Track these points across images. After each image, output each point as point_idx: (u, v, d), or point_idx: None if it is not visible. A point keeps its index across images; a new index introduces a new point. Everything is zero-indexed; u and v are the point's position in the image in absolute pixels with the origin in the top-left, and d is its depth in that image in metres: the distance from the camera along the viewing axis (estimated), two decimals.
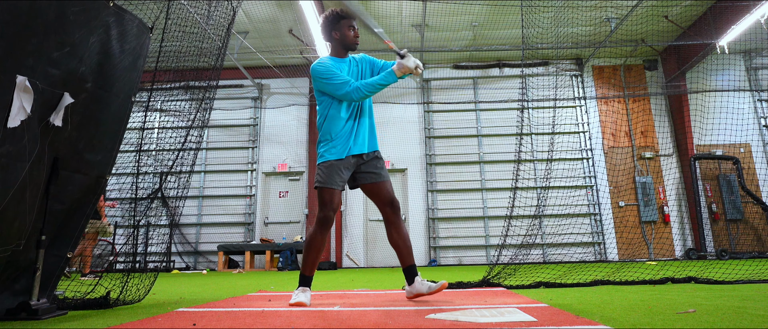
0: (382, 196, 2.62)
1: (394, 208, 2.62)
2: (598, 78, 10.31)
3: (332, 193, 2.50)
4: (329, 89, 2.53)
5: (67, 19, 2.08)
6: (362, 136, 2.61)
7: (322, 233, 2.51)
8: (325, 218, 2.49)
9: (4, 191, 1.91)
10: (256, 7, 8.30)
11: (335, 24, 2.66)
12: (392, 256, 9.54)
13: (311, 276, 2.54)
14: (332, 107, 2.58)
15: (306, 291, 2.48)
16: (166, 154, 3.09)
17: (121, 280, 2.74)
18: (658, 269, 5.18)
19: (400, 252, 2.61)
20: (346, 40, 2.66)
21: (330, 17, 2.67)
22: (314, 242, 2.51)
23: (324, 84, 2.54)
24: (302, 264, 2.55)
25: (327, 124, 2.58)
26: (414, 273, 2.59)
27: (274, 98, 10.52)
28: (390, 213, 2.61)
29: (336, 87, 2.50)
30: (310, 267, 2.54)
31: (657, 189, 9.57)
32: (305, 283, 2.52)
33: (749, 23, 7.69)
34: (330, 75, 2.52)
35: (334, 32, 2.66)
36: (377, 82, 2.49)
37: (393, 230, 2.62)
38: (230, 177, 10.11)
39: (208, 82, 3.24)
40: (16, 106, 1.89)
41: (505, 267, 3.73)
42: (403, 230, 2.63)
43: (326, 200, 2.50)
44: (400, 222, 2.63)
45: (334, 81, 2.51)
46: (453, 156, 10.00)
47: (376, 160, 2.65)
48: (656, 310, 1.96)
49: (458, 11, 8.49)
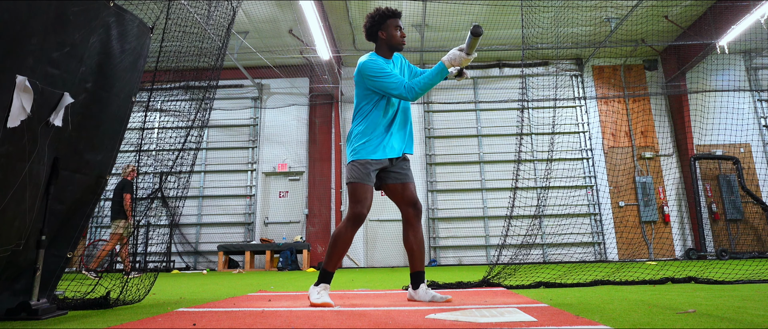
0: (406, 197, 2.58)
1: (416, 210, 2.58)
2: (598, 78, 10.31)
3: (366, 190, 2.41)
4: (381, 86, 2.43)
5: (67, 19, 2.08)
6: (399, 139, 2.57)
7: (352, 230, 2.40)
8: (358, 215, 2.39)
9: (4, 191, 1.91)
10: (256, 7, 8.30)
11: (382, 23, 2.56)
12: (392, 256, 9.54)
13: (333, 273, 2.45)
14: (377, 107, 2.50)
15: (327, 288, 2.41)
16: (166, 154, 3.09)
17: (121, 280, 2.74)
18: (658, 269, 5.18)
19: (412, 256, 2.57)
20: (393, 40, 2.57)
21: (376, 16, 2.57)
22: (343, 237, 2.40)
23: (376, 81, 2.43)
24: (327, 259, 2.44)
25: (366, 122, 2.50)
26: (421, 279, 2.55)
27: (274, 98, 10.52)
28: (412, 215, 2.57)
29: (390, 85, 2.41)
30: (334, 263, 2.44)
31: (657, 189, 9.57)
32: (327, 280, 2.43)
33: (749, 23, 7.69)
34: (384, 73, 2.43)
35: (380, 32, 2.57)
36: (428, 79, 2.39)
37: (411, 232, 2.57)
38: (230, 177, 10.11)
39: (208, 82, 3.24)
40: (16, 106, 1.89)
41: (505, 267, 3.73)
42: (420, 234, 2.59)
43: (360, 197, 2.40)
44: (419, 225, 2.59)
45: (388, 79, 2.41)
46: (453, 156, 10.00)
47: (403, 161, 2.62)
48: (656, 310, 1.96)
49: (458, 11, 8.49)
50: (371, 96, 2.51)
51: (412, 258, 2.56)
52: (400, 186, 2.58)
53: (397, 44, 2.57)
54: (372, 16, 2.58)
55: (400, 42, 2.58)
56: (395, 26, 2.57)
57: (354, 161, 2.47)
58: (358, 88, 2.57)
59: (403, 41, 2.58)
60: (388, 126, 2.54)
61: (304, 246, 8.78)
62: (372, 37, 2.61)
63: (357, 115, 2.57)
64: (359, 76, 2.52)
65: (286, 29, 9.04)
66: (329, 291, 2.45)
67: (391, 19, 2.56)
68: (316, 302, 2.33)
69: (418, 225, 2.58)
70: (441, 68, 2.40)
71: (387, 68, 2.46)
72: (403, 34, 2.59)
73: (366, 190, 2.42)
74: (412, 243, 2.56)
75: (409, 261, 2.57)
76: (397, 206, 2.62)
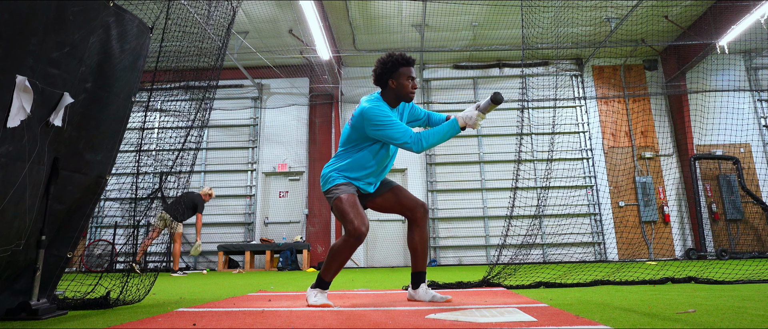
0: (403, 201, 2.54)
1: (424, 210, 2.54)
2: (598, 78, 10.31)
3: (356, 199, 2.34)
4: (384, 136, 2.29)
5: (67, 19, 2.08)
6: (378, 180, 2.53)
7: (352, 248, 2.27)
8: (357, 231, 2.22)
9: (4, 191, 1.91)
10: (256, 7, 8.30)
11: (394, 71, 2.39)
12: (392, 256, 9.54)
13: (330, 282, 2.40)
14: (369, 149, 2.39)
15: (324, 293, 2.38)
16: (166, 154, 3.09)
17: (121, 280, 2.74)
18: (658, 269, 5.18)
19: (415, 256, 2.53)
20: (403, 90, 2.41)
21: (388, 63, 2.39)
22: (341, 254, 2.30)
23: (378, 130, 2.29)
24: (324, 269, 2.36)
25: (352, 161, 2.40)
26: (421, 279, 2.53)
27: (274, 98, 10.52)
28: (420, 215, 2.52)
29: (395, 135, 2.27)
30: (332, 274, 2.38)
31: (657, 189, 9.57)
32: (323, 287, 2.39)
33: (749, 23, 7.69)
34: (389, 122, 2.28)
35: (390, 80, 2.41)
36: (439, 136, 2.28)
37: (417, 232, 2.52)
38: (230, 177, 10.11)
39: (208, 82, 3.24)
40: (15, 106, 1.89)
41: (505, 267, 3.73)
42: (426, 234, 2.55)
43: (351, 211, 2.27)
44: (426, 225, 2.55)
45: (393, 129, 2.27)
46: (453, 156, 10.00)
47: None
48: (656, 310, 1.96)
49: (458, 11, 8.49)
50: (369, 140, 2.39)
51: (415, 258, 2.54)
52: (390, 194, 2.55)
53: (407, 96, 2.42)
54: (384, 63, 2.41)
55: (410, 94, 2.42)
56: (408, 77, 2.40)
57: (337, 185, 2.37)
58: (354, 130, 2.40)
59: (413, 94, 2.43)
60: (376, 172, 2.46)
61: (304, 246, 8.78)
62: (381, 84, 2.45)
63: (344, 151, 2.44)
64: (361, 120, 2.35)
65: (286, 29, 9.04)
66: (327, 293, 2.44)
67: (405, 69, 2.40)
68: (314, 303, 2.31)
69: (424, 226, 2.54)
70: (454, 125, 2.29)
71: (392, 116, 2.33)
72: (415, 85, 2.43)
73: (356, 200, 2.33)
74: (416, 243, 2.52)
75: (412, 260, 2.55)
76: (402, 214, 2.56)
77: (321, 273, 2.40)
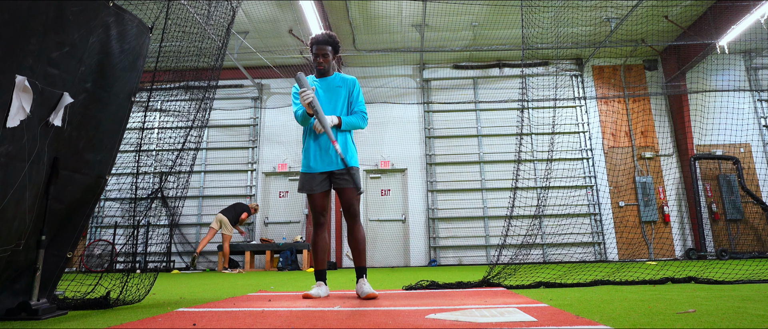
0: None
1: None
2: (598, 78, 10.31)
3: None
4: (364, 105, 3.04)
5: (67, 19, 2.08)
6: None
7: (318, 234, 2.90)
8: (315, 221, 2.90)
9: (4, 191, 1.91)
10: (256, 7, 8.30)
11: (311, 49, 3.03)
12: (392, 256, 9.54)
13: (321, 270, 2.84)
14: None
15: (321, 285, 2.78)
16: (166, 154, 3.09)
17: (121, 280, 2.74)
18: (658, 269, 5.18)
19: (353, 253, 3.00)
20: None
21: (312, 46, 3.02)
22: (314, 243, 2.88)
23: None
24: (363, 257, 2.88)
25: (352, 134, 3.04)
26: (359, 274, 2.86)
27: (274, 98, 10.52)
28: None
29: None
30: (316, 263, 2.87)
31: (657, 189, 9.57)
32: (319, 278, 2.83)
33: (749, 23, 7.69)
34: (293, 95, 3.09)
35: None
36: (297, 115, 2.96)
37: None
38: (230, 177, 10.11)
39: (208, 82, 3.24)
40: (15, 105, 1.89)
41: (505, 267, 3.73)
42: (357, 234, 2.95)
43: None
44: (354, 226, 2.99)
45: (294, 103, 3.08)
46: (453, 156, 10.00)
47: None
48: (656, 310, 1.96)
49: (458, 11, 8.49)
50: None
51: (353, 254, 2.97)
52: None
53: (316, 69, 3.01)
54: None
55: (318, 67, 2.94)
56: (315, 54, 2.98)
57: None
58: (361, 103, 3.00)
59: (320, 65, 2.91)
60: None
61: (304, 246, 8.78)
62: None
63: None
64: (359, 92, 2.99)
65: (286, 29, 9.04)
66: (325, 286, 2.81)
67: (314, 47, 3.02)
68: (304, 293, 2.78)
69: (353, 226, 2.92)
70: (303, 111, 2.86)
71: (294, 89, 3.00)
72: (318, 61, 2.92)
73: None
74: (349, 242, 2.95)
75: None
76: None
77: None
